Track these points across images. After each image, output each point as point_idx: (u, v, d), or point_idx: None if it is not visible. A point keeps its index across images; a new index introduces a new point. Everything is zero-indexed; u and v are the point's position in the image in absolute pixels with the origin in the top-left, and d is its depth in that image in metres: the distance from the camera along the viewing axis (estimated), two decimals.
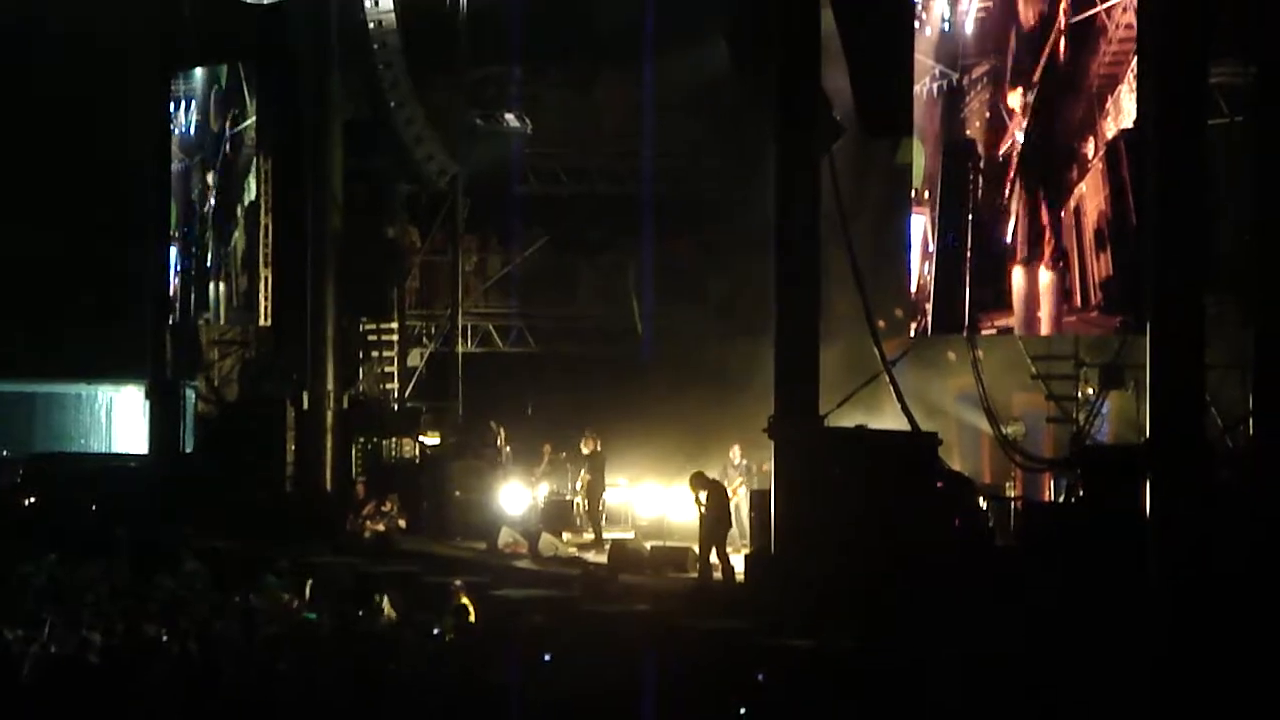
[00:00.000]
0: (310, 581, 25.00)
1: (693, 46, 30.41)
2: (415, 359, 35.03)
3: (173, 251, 37.80)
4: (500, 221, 35.79)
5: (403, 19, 33.07)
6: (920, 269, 24.32)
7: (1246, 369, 20.79)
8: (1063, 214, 22.20)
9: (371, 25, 32.84)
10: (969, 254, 23.47)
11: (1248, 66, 21.25)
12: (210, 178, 36.91)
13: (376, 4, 32.89)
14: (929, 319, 24.20)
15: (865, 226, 25.73)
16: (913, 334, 24.74)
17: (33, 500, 35.96)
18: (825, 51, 24.85)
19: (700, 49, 29.79)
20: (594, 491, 29.51)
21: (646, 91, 33.67)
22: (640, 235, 34.58)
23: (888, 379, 24.32)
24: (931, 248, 24.08)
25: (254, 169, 35.31)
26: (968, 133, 23.61)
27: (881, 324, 25.30)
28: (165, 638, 19.75)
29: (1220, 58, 21.29)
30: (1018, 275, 22.78)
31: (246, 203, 35.48)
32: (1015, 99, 22.98)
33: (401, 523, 31.08)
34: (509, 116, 34.20)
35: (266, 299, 35.14)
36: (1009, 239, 22.93)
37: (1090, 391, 23.11)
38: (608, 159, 35.67)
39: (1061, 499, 24.22)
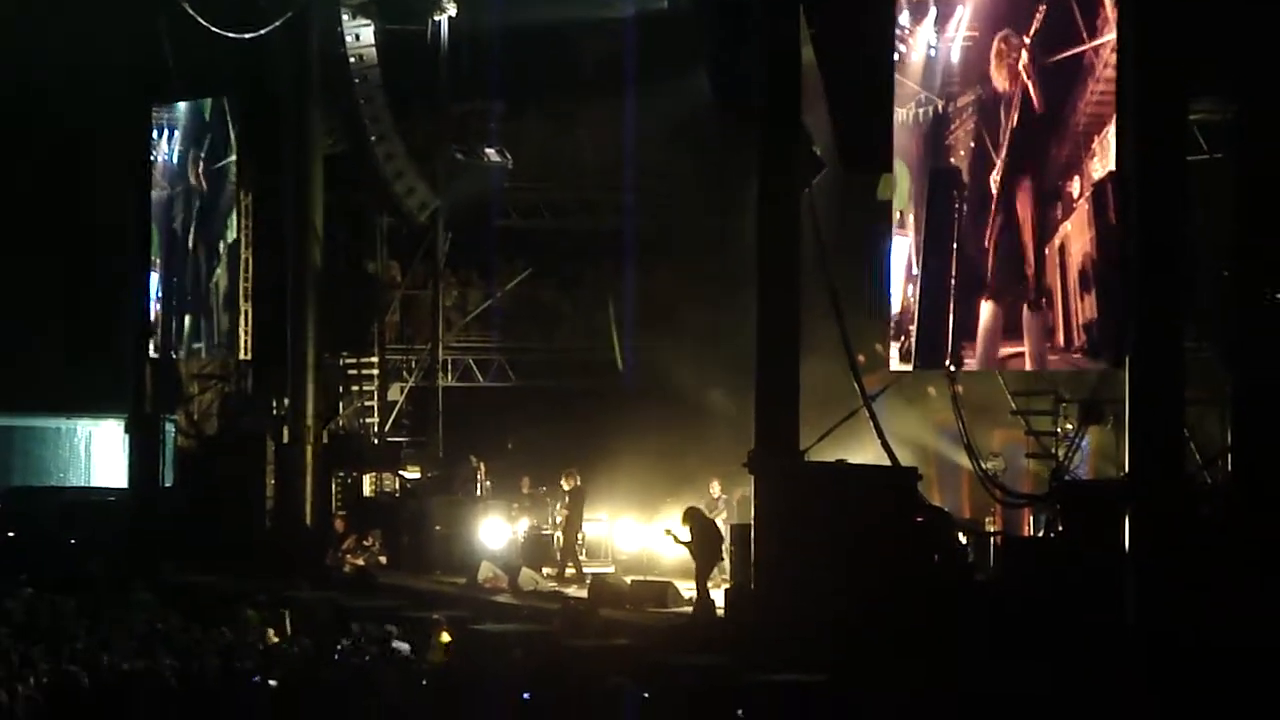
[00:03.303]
0: (289, 616, 24.93)
1: (675, 79, 30.43)
2: (396, 393, 34.96)
3: (154, 279, 37.74)
4: (481, 256, 35.78)
5: (383, 53, 33.12)
6: (904, 290, 24.20)
7: (1225, 404, 20.88)
8: (1046, 251, 22.09)
9: (352, 60, 32.86)
10: (953, 282, 23.38)
11: (1227, 104, 21.35)
12: (191, 209, 36.88)
13: (357, 38, 32.92)
14: (913, 341, 24.05)
15: (846, 261, 25.75)
16: (897, 356, 24.55)
17: (10, 534, 35.85)
18: (806, 86, 24.93)
19: (682, 82, 29.82)
20: (571, 527, 29.48)
21: (627, 125, 33.71)
22: (621, 268, 34.60)
23: (867, 414, 24.34)
24: (915, 270, 23.98)
25: (235, 205, 35.29)
26: (952, 160, 23.52)
27: (861, 358, 25.32)
28: (143, 671, 19.69)
29: (1200, 95, 21.38)
30: (985, 310, 22.76)
31: (230, 239, 35.43)
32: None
33: (382, 558, 31.04)
34: (490, 151, 34.18)
35: (247, 333, 35.09)
36: (990, 271, 22.88)
37: (1070, 427, 23.14)
38: (589, 192, 35.68)
39: (1041, 534, 24.27)
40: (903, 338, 24.29)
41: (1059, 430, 23.28)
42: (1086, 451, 23.65)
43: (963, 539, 24.02)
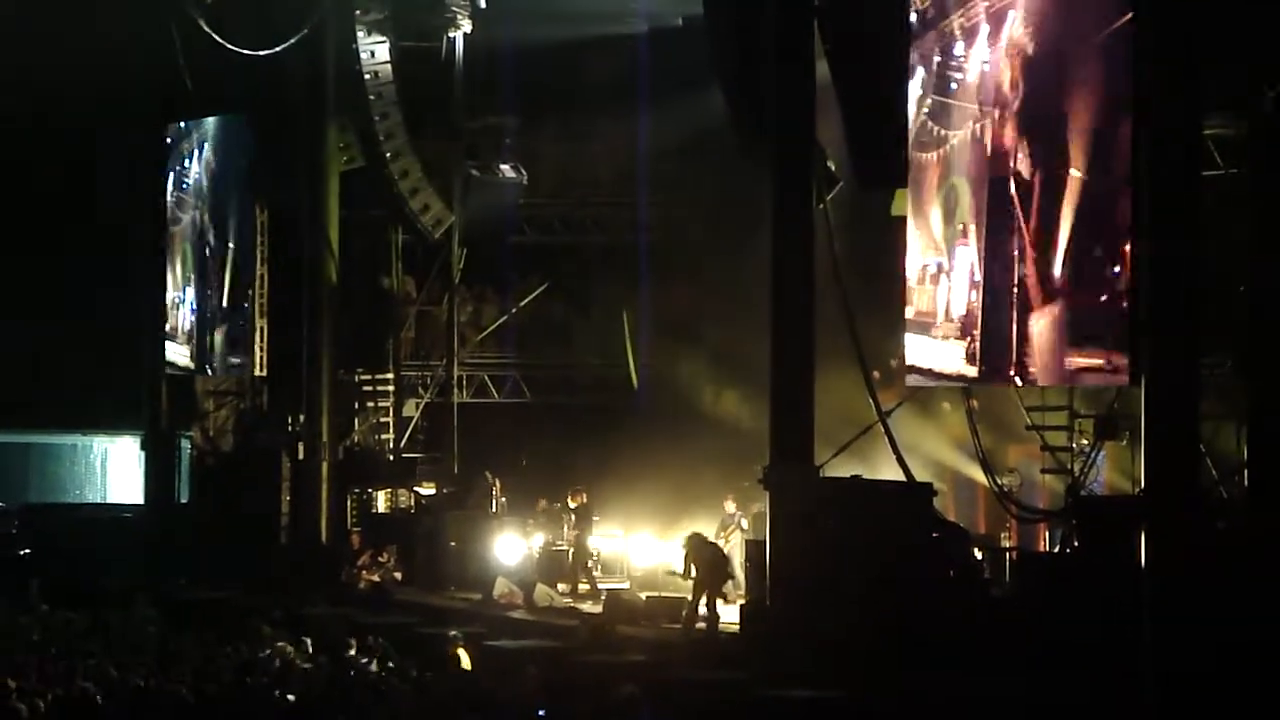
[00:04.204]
0: (306, 632, 24.92)
1: (689, 95, 30.47)
2: (411, 409, 35.01)
3: (189, 294, 37.75)
4: (496, 271, 35.84)
5: (398, 70, 33.21)
6: (968, 296, 23.91)
7: (1240, 420, 20.84)
8: (1127, 248, 20.87)
9: (368, 76, 32.98)
10: (1015, 290, 22.76)
11: (1241, 119, 21.31)
12: (214, 222, 36.91)
13: (373, 55, 33.02)
14: (978, 345, 23.70)
15: (861, 277, 25.71)
16: (963, 358, 23.80)
17: (26, 551, 35.90)
18: (821, 102, 24.92)
19: (696, 98, 29.84)
20: (581, 544, 29.48)
21: (641, 140, 33.75)
22: (636, 284, 34.62)
23: (883, 429, 24.31)
24: (978, 277, 23.74)
25: (254, 220, 35.34)
26: (1012, 164, 22.99)
27: (876, 374, 25.29)
28: (157, 688, 19.70)
29: (1214, 110, 21.31)
30: (1044, 317, 22.11)
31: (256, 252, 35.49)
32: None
33: (397, 574, 31.04)
34: (504, 167, 34.25)
35: (262, 349, 35.13)
36: (1059, 270, 22.03)
37: (1085, 442, 23.10)
38: (603, 209, 35.73)
39: (1057, 549, 24.23)
40: (968, 339, 23.66)
41: (1074, 446, 23.24)
42: (1102, 467, 23.60)
43: (978, 554, 23.99)
